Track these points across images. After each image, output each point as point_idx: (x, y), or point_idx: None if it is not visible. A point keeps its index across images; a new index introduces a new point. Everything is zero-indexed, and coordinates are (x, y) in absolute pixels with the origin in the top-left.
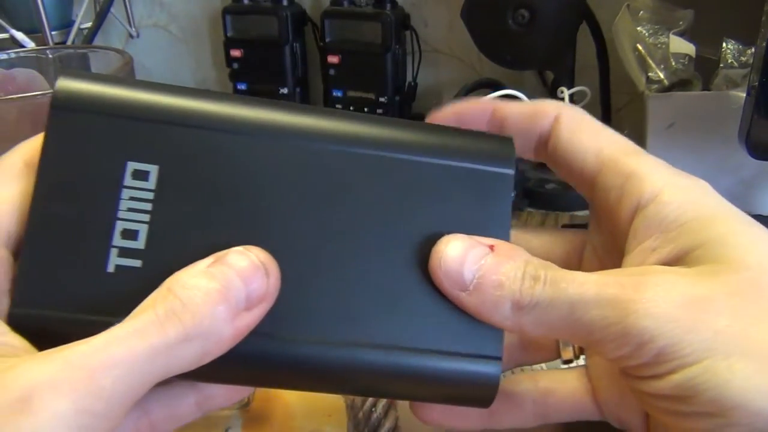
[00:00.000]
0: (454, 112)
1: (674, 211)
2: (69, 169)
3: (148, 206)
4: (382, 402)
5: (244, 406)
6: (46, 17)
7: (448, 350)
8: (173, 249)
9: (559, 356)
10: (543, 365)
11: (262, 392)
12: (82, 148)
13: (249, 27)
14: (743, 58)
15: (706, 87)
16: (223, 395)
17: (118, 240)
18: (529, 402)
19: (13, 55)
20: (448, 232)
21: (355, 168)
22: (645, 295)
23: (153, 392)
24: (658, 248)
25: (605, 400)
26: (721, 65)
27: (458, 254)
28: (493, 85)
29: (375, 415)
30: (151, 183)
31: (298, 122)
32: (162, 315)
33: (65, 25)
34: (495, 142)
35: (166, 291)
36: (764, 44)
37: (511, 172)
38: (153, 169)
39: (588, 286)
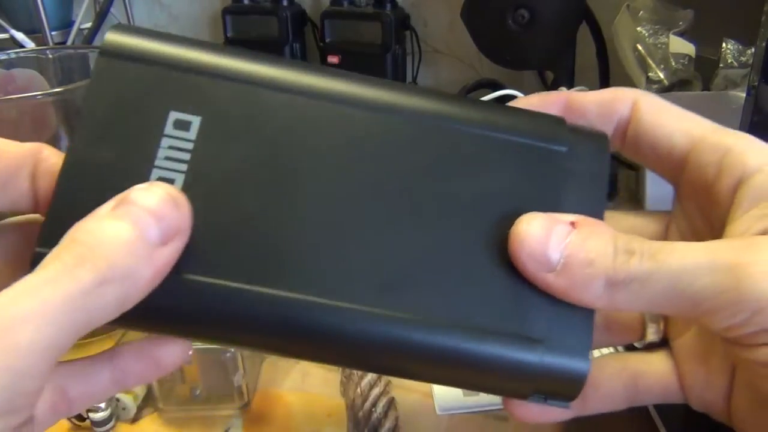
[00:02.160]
0: (527, 104)
1: None
2: (110, 114)
3: (187, 156)
4: (382, 402)
5: (244, 406)
6: (46, 17)
7: (528, 336)
8: (208, 200)
9: (643, 337)
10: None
11: (262, 393)
12: (126, 96)
13: (249, 27)
14: (743, 58)
15: (706, 87)
16: (138, 372)
17: None
18: (620, 386)
19: (13, 56)
20: (512, 207)
21: (392, 134)
22: (763, 255)
23: (67, 368)
24: (766, 216)
25: (690, 384)
26: (721, 65)
27: (541, 233)
28: (493, 85)
29: (375, 415)
30: (192, 134)
31: (343, 87)
32: (70, 263)
33: (65, 25)
34: (550, 120)
35: (70, 241)
36: (764, 44)
37: (563, 149)
38: (195, 120)
39: (694, 253)
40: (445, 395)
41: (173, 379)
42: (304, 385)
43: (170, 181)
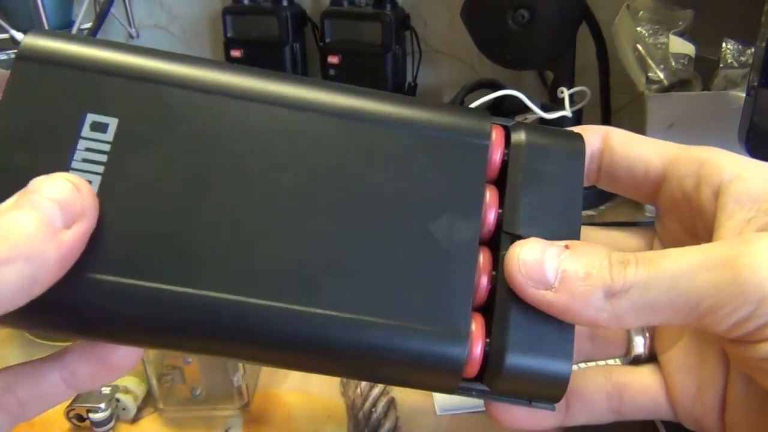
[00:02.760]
0: None
1: (760, 185)
2: (28, 118)
3: (104, 158)
4: (382, 402)
5: (244, 406)
6: (46, 17)
7: (455, 332)
8: (124, 201)
9: (628, 352)
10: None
11: (262, 393)
12: (43, 99)
13: (249, 27)
14: (743, 58)
15: (706, 87)
16: (88, 374)
17: None
18: (603, 397)
19: (13, 56)
20: (423, 201)
21: (313, 131)
22: (757, 247)
23: (15, 371)
24: (754, 218)
25: (680, 398)
26: (721, 65)
27: (536, 255)
28: (493, 85)
29: (375, 415)
30: (109, 135)
31: (261, 85)
32: None
33: (65, 25)
34: (472, 114)
35: None
36: (764, 44)
37: (486, 143)
38: (112, 122)
39: (690, 254)
40: (445, 395)
41: (173, 379)
42: (304, 385)
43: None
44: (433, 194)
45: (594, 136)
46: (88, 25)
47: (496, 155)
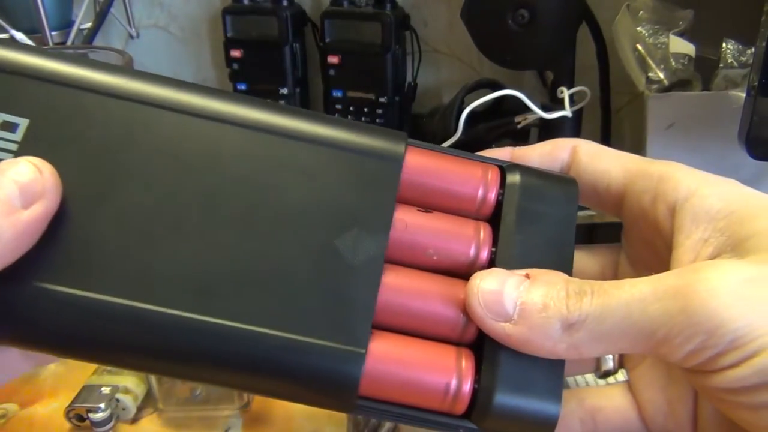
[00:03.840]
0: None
1: (717, 203)
2: None
3: (11, 156)
4: None
5: (244, 406)
6: (46, 17)
7: (353, 349)
8: None
9: (597, 368)
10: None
11: None
12: None
13: (249, 27)
14: (743, 58)
15: (706, 87)
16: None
17: None
18: (576, 421)
19: None
20: (332, 216)
21: (224, 142)
22: (706, 275)
23: None
24: (710, 238)
25: (651, 415)
26: (721, 65)
27: (495, 286)
28: (493, 85)
29: None
30: (18, 135)
31: (173, 94)
32: None
33: (65, 25)
34: (388, 135)
35: None
36: (764, 44)
37: (399, 163)
38: (23, 123)
39: (641, 284)
40: None
41: (173, 380)
42: None
43: None
44: (342, 210)
45: (563, 150)
46: (88, 25)
47: (491, 194)
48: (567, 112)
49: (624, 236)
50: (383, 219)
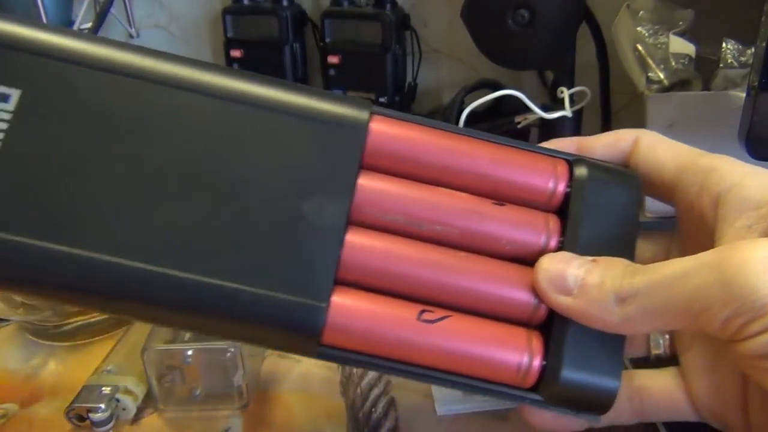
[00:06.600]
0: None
1: (758, 192)
2: None
3: (5, 126)
4: (382, 402)
5: (244, 406)
6: (46, 17)
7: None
8: (20, 167)
9: (648, 351)
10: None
11: (261, 393)
12: None
13: (249, 27)
14: (743, 58)
15: (706, 87)
16: None
17: None
18: (624, 399)
19: None
20: (298, 181)
21: (200, 110)
22: (741, 249)
23: None
24: (754, 225)
25: (701, 398)
26: (721, 65)
27: (560, 265)
28: (493, 85)
29: (375, 416)
30: (11, 105)
31: (154, 65)
32: None
33: (65, 24)
34: (352, 102)
35: None
36: (764, 44)
37: (363, 130)
38: (15, 93)
39: (684, 261)
40: (445, 395)
41: (173, 380)
42: (304, 385)
43: None
44: (307, 175)
45: (625, 141)
46: (88, 24)
47: (561, 187)
48: (567, 112)
49: (677, 225)
50: (346, 183)
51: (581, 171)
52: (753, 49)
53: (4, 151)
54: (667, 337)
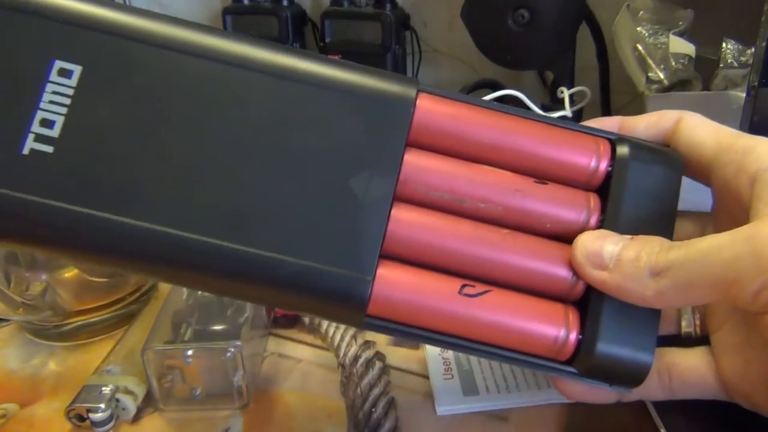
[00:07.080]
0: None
1: None
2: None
3: (68, 101)
4: (382, 402)
5: (244, 406)
6: None
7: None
8: (83, 140)
9: (679, 329)
10: None
11: (261, 393)
12: (13, 44)
13: (249, 27)
14: (743, 58)
15: (706, 87)
16: None
17: (36, 127)
18: (654, 375)
19: None
20: (346, 157)
21: (253, 88)
22: None
23: None
24: None
25: (730, 376)
26: (721, 65)
27: (597, 240)
28: (493, 85)
29: (375, 415)
30: (74, 81)
31: (209, 42)
32: None
33: None
34: (400, 80)
35: None
36: (764, 44)
37: (410, 107)
38: (77, 69)
39: (719, 236)
40: (446, 395)
41: (173, 379)
42: (304, 385)
43: (52, 122)
44: (355, 151)
45: (668, 121)
46: None
47: (603, 166)
48: (567, 112)
49: (714, 205)
50: (393, 160)
51: (623, 150)
52: (753, 49)
53: (68, 126)
54: (698, 315)
